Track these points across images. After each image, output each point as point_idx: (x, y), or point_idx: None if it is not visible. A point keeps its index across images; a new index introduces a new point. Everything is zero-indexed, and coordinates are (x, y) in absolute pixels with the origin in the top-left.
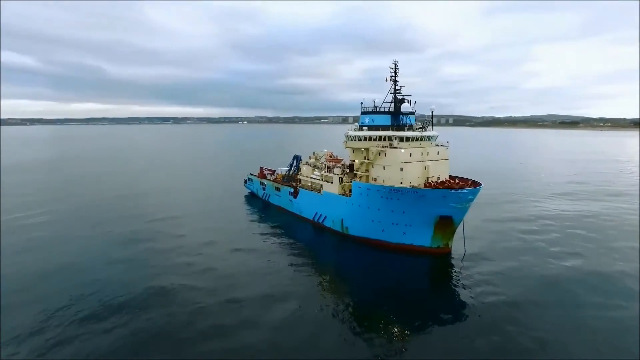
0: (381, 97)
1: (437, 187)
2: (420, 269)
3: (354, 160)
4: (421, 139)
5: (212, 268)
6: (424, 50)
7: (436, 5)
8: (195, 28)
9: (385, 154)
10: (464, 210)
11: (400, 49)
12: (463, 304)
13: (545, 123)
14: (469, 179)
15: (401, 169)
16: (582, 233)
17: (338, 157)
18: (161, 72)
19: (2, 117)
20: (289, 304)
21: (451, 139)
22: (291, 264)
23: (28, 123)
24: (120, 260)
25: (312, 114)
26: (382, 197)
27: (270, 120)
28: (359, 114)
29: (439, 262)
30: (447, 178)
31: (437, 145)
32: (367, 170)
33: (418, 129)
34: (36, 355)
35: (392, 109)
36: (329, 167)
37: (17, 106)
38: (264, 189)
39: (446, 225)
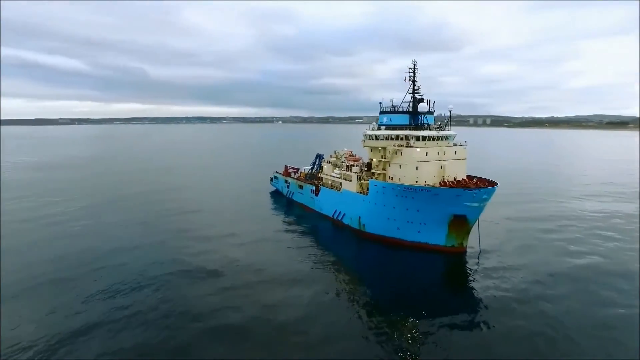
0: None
1: (452, 187)
2: (435, 268)
3: (372, 159)
4: (438, 138)
5: (233, 260)
6: (460, 49)
7: (473, 4)
8: (231, 29)
9: (402, 152)
10: (479, 210)
11: (435, 48)
12: (477, 304)
13: (590, 124)
14: (486, 179)
15: (416, 168)
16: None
17: (357, 156)
18: (198, 73)
19: (53, 117)
20: (304, 300)
21: (487, 140)
22: (309, 260)
23: (76, 123)
24: (148, 246)
25: (347, 114)
26: (397, 195)
27: (304, 120)
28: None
29: (453, 261)
30: (464, 178)
31: (455, 145)
32: (384, 169)
33: (436, 128)
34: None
35: (410, 109)
36: (348, 166)
37: (68, 107)
38: (288, 186)
39: (461, 224)
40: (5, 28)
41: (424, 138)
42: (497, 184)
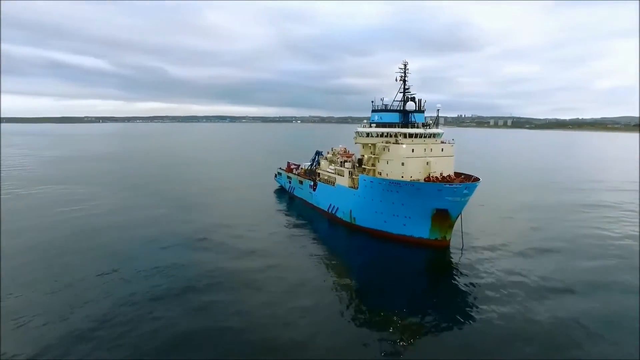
0: (435, 97)
1: (435, 182)
2: (419, 261)
3: (363, 155)
4: (425, 135)
5: (230, 248)
6: (481, 49)
7: (492, 3)
8: (250, 30)
9: (389, 149)
10: (460, 205)
11: (455, 48)
12: (457, 297)
13: (617, 126)
14: (471, 176)
15: (402, 164)
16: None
17: (350, 153)
18: (218, 73)
19: (79, 116)
20: (293, 292)
21: (495, 140)
22: (303, 252)
23: (101, 121)
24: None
25: (365, 114)
26: (383, 189)
27: (323, 120)
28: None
29: (437, 254)
30: (451, 174)
31: (443, 142)
32: (373, 165)
33: (424, 126)
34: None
35: (400, 108)
36: (341, 162)
37: (92, 105)
38: (290, 182)
39: (443, 218)
40: (33, 29)
41: (410, 135)
42: (479, 180)
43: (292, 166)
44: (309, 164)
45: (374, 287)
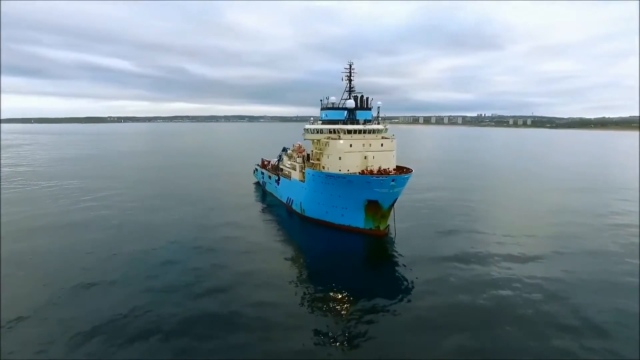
0: (458, 95)
1: (366, 174)
2: (356, 249)
3: (312, 151)
4: (365, 131)
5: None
6: (509, 46)
7: (518, 2)
8: (276, 30)
9: (329, 144)
10: (390, 196)
11: (482, 46)
12: (388, 284)
13: None
14: (411, 170)
15: (340, 158)
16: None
17: (303, 148)
18: (244, 73)
19: (102, 116)
20: (242, 279)
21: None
22: (258, 241)
23: (122, 121)
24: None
25: (386, 114)
26: (322, 182)
27: None
28: (429, 114)
29: (373, 243)
30: (390, 168)
31: (384, 138)
32: (318, 159)
33: (365, 122)
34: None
35: (345, 106)
36: (296, 157)
37: (118, 106)
38: (263, 177)
39: (375, 208)
40: (67, 33)
41: (350, 131)
42: (411, 171)
43: (266, 162)
44: (277, 159)
45: (316, 272)
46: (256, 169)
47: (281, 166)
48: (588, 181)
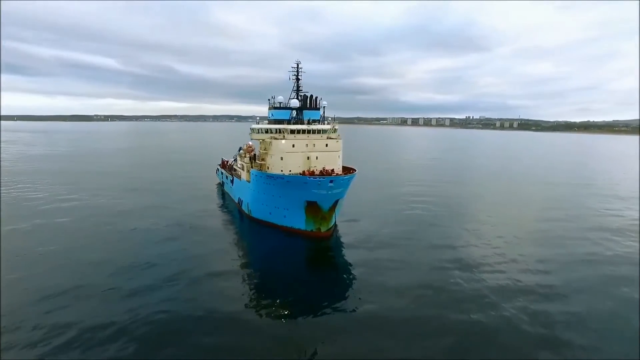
0: (448, 97)
1: (308, 175)
2: (297, 251)
3: (259, 151)
4: (309, 132)
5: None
6: (493, 49)
7: (505, 3)
8: (261, 29)
9: (272, 144)
10: (329, 197)
11: (467, 48)
12: (328, 286)
13: (623, 128)
14: (355, 170)
15: (281, 158)
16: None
17: (251, 148)
18: (230, 73)
19: (88, 114)
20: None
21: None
22: (205, 242)
23: (109, 119)
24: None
25: (374, 115)
26: (264, 183)
27: None
28: (418, 115)
29: (314, 245)
30: (335, 168)
31: (329, 138)
32: (263, 160)
33: (310, 122)
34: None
35: (291, 106)
36: (244, 157)
37: (104, 104)
38: (222, 177)
39: (315, 210)
40: (48, 30)
41: (293, 131)
42: (353, 172)
43: (225, 162)
44: (233, 160)
45: (255, 275)
46: (217, 169)
47: (235, 166)
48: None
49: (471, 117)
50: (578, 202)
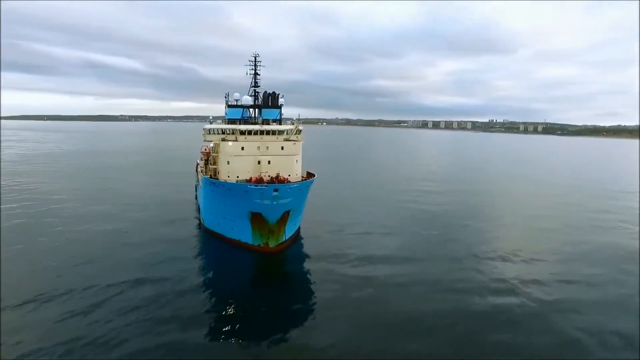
0: (468, 101)
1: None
2: (245, 269)
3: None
4: (262, 132)
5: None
6: (514, 51)
7: (526, 4)
8: (277, 31)
9: (220, 147)
10: (276, 208)
11: (487, 50)
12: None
13: None
14: (313, 175)
15: (228, 162)
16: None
17: (207, 151)
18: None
19: (114, 114)
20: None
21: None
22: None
23: (133, 119)
24: None
25: (394, 117)
26: (210, 190)
27: (349, 122)
28: (438, 118)
29: (262, 262)
30: (293, 175)
31: (287, 140)
32: (215, 163)
33: (264, 122)
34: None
35: (248, 103)
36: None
37: (128, 104)
38: (195, 180)
39: (260, 222)
40: (75, 32)
41: (243, 132)
42: (307, 180)
43: (197, 164)
44: (197, 163)
45: (203, 295)
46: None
47: (198, 170)
48: None
49: (494, 121)
50: None
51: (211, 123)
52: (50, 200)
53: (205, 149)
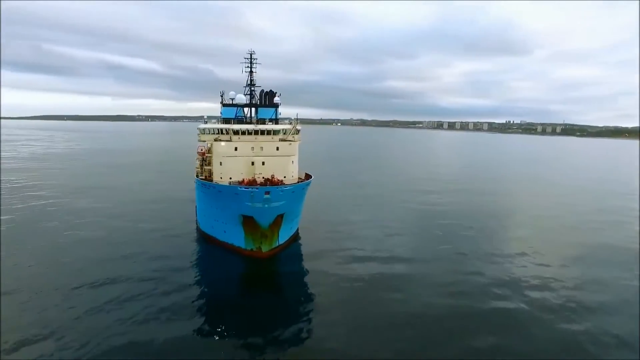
0: (483, 102)
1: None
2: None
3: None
4: (256, 132)
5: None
6: (531, 51)
7: (543, 3)
8: (291, 31)
9: (213, 147)
10: (268, 212)
11: (504, 50)
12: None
13: None
14: (311, 176)
15: (220, 163)
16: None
17: (204, 150)
18: (262, 75)
19: (131, 114)
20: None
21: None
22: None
23: (150, 119)
24: None
25: (410, 118)
26: (202, 192)
27: (364, 123)
28: (453, 119)
29: (252, 267)
30: (288, 176)
31: (283, 140)
32: (209, 164)
33: (259, 122)
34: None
35: (243, 102)
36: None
37: (145, 105)
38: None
39: (252, 226)
40: (91, 33)
41: (236, 132)
42: (302, 182)
43: None
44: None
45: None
46: None
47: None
48: None
49: (511, 122)
50: None
51: (206, 123)
52: (44, 197)
53: (202, 149)
